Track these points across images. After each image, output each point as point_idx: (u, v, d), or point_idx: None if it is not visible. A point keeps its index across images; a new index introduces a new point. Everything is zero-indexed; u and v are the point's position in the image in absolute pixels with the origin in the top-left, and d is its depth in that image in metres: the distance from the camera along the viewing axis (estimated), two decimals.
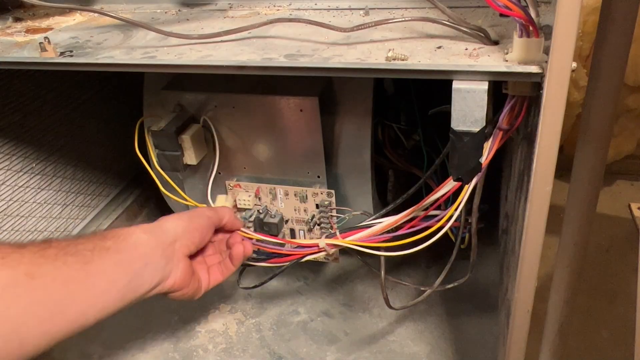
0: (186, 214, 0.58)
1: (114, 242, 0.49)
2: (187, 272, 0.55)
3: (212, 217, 0.60)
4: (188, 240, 0.56)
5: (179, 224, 0.56)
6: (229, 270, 0.62)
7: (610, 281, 0.88)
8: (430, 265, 0.90)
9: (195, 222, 0.57)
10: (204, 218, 0.59)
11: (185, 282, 0.55)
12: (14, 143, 0.79)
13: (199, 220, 0.58)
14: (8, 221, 0.78)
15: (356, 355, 0.77)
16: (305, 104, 0.65)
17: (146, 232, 0.52)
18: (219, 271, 0.62)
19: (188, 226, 0.56)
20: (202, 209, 0.61)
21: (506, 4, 0.38)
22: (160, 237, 0.53)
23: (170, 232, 0.54)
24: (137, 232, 0.51)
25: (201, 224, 0.58)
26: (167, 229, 0.54)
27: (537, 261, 0.46)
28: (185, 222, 0.56)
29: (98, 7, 0.67)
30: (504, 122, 0.46)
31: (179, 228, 0.55)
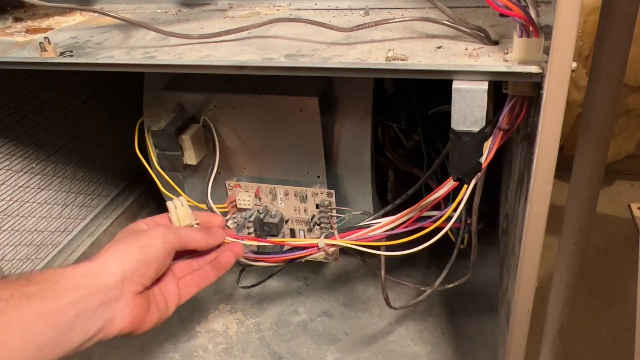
0: (138, 243, 0.48)
1: (41, 287, 0.41)
2: (140, 310, 0.47)
3: (172, 243, 0.50)
4: (140, 277, 0.47)
5: (128, 259, 0.47)
6: (207, 281, 0.55)
7: (610, 281, 0.88)
8: (430, 265, 0.90)
9: (149, 253, 0.48)
10: (159, 246, 0.49)
11: (138, 322, 0.47)
12: (14, 143, 0.79)
13: (154, 250, 0.48)
14: (8, 221, 0.78)
15: (356, 355, 0.77)
16: (305, 104, 0.65)
17: (84, 274, 0.44)
18: (193, 283, 0.54)
19: (139, 261, 0.47)
20: (160, 231, 0.50)
21: (506, 4, 0.38)
22: (102, 278, 0.45)
23: (115, 271, 0.45)
24: (72, 274, 0.43)
25: (157, 254, 0.49)
26: (111, 268, 0.46)
27: (537, 261, 0.46)
28: (136, 255, 0.47)
29: (98, 7, 0.67)
30: (504, 122, 0.46)
31: (127, 264, 0.46)
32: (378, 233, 0.60)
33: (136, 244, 0.48)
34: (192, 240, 0.53)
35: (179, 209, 0.55)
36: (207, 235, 0.54)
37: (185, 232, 0.52)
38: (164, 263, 0.50)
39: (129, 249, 0.48)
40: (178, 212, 0.55)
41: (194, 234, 0.53)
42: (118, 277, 0.45)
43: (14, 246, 0.80)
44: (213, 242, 0.55)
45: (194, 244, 0.53)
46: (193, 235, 0.53)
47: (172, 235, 0.50)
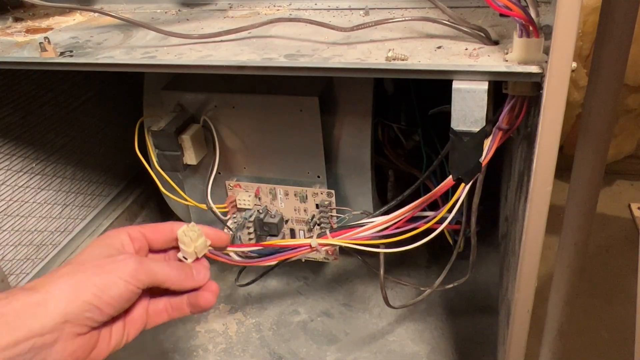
0: (95, 280, 0.40)
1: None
2: (82, 352, 0.40)
3: (140, 282, 0.42)
4: (88, 320, 0.39)
5: (77, 300, 0.38)
6: (180, 313, 0.47)
7: (610, 281, 0.88)
8: (430, 265, 0.90)
9: (106, 295, 0.40)
10: (121, 288, 0.40)
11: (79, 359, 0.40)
12: (14, 143, 0.78)
13: (113, 292, 0.40)
14: (8, 221, 0.78)
15: (356, 355, 0.77)
16: (305, 103, 0.65)
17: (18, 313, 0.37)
18: (165, 311, 0.47)
19: (90, 304, 0.39)
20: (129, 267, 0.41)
21: (506, 4, 0.38)
22: (39, 320, 0.37)
23: (57, 312, 0.38)
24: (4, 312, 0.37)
25: (117, 296, 0.40)
26: (53, 307, 0.38)
27: (537, 261, 0.46)
28: (88, 297, 0.39)
29: (98, 7, 0.67)
30: (504, 121, 0.46)
31: (74, 306, 0.38)
32: (371, 233, 0.60)
33: (93, 280, 0.40)
34: (165, 281, 0.44)
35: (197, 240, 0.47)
36: (184, 277, 0.46)
37: (161, 271, 0.44)
38: (125, 304, 0.42)
39: (82, 286, 0.39)
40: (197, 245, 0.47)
41: (169, 272, 0.44)
42: (59, 319, 0.38)
43: (14, 246, 0.80)
44: (190, 284, 0.46)
45: (167, 284, 0.45)
46: (168, 275, 0.44)
47: (142, 274, 0.42)
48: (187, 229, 0.47)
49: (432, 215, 0.58)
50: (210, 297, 0.46)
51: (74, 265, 0.41)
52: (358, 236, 0.61)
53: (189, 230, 0.47)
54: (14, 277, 0.81)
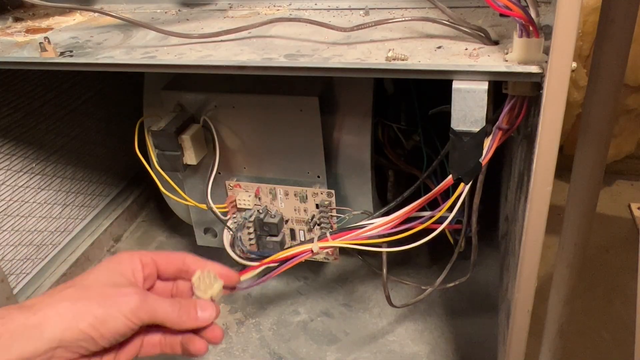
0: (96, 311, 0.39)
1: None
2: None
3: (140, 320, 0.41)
4: (81, 349, 0.39)
5: (74, 328, 0.38)
6: (173, 350, 0.46)
7: (610, 281, 0.88)
8: (430, 265, 0.90)
9: (105, 329, 0.39)
10: (120, 323, 0.40)
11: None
12: (14, 143, 0.79)
13: (112, 326, 0.39)
14: (8, 221, 0.78)
15: (356, 355, 0.77)
16: (305, 103, 0.65)
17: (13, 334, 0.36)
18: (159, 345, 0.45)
19: (87, 335, 0.38)
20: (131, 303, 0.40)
21: (506, 4, 0.38)
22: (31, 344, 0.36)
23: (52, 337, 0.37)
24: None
25: (115, 331, 0.40)
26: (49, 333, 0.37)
27: (537, 261, 0.46)
28: (86, 327, 0.38)
29: (98, 7, 0.67)
30: (504, 121, 0.46)
31: (71, 334, 0.38)
32: (371, 234, 0.61)
33: (94, 311, 0.39)
34: (165, 321, 0.43)
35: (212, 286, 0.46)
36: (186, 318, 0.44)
37: (162, 311, 0.43)
38: (120, 339, 0.41)
39: (82, 315, 0.38)
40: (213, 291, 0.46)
41: (170, 313, 0.43)
42: (52, 345, 0.37)
43: (14, 246, 0.80)
44: (190, 325, 0.45)
45: (166, 324, 0.44)
46: (168, 316, 0.43)
47: (143, 313, 0.41)
48: (202, 275, 0.46)
49: (432, 214, 0.58)
50: (201, 346, 0.45)
51: (77, 290, 0.40)
52: (360, 237, 0.61)
53: (205, 277, 0.46)
54: (14, 277, 0.81)
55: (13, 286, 0.80)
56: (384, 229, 0.60)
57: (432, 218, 0.57)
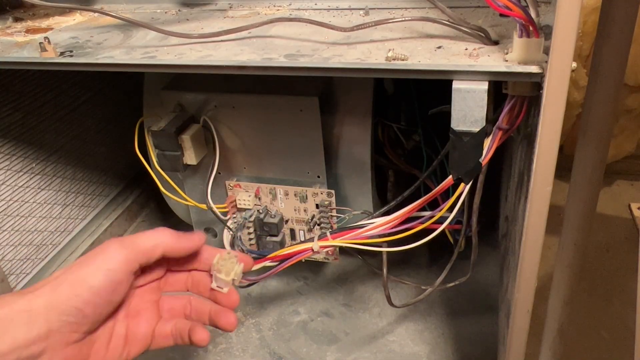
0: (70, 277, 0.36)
1: None
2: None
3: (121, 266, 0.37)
4: (74, 325, 0.36)
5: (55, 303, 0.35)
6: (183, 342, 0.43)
7: (610, 281, 0.88)
8: (430, 265, 0.90)
9: (84, 291, 0.36)
10: (100, 277, 0.36)
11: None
12: (14, 143, 0.79)
13: (89, 287, 0.36)
14: (8, 221, 0.78)
15: (356, 355, 0.77)
16: (305, 103, 0.65)
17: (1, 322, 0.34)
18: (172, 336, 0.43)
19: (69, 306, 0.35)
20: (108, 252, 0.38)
21: (506, 4, 0.38)
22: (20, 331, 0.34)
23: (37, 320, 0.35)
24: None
25: (100, 288, 0.36)
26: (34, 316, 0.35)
27: (537, 261, 0.46)
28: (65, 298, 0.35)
29: (98, 7, 0.67)
30: (504, 121, 0.46)
31: (52, 313, 0.35)
32: (372, 233, 0.61)
33: (69, 275, 0.36)
34: (155, 245, 0.39)
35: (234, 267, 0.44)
36: (178, 237, 0.41)
37: (144, 238, 0.39)
38: (112, 298, 0.38)
39: (59, 286, 0.36)
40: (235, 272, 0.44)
41: (156, 236, 0.40)
42: (42, 328, 0.35)
43: (14, 246, 0.80)
44: (189, 244, 0.42)
45: (158, 250, 0.40)
46: (155, 238, 0.39)
47: (123, 251, 0.38)
48: (224, 256, 0.44)
49: (432, 214, 0.58)
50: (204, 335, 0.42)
51: (62, 270, 0.38)
52: (361, 237, 0.61)
53: (226, 259, 0.44)
54: (14, 277, 0.81)
55: (13, 286, 0.80)
56: (384, 228, 0.60)
57: (432, 218, 0.57)
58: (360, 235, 0.61)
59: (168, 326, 0.43)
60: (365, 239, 0.61)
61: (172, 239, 0.41)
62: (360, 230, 0.61)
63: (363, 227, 0.61)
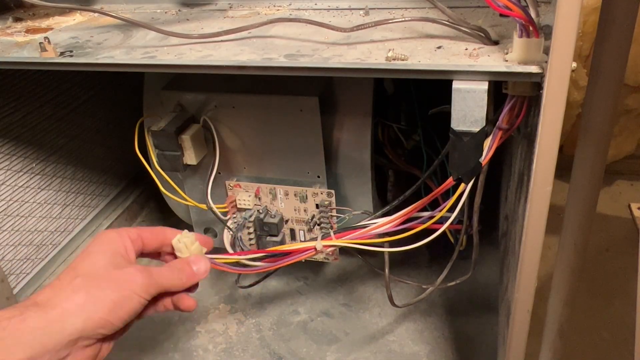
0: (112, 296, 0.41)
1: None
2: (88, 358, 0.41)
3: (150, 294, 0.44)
4: (99, 334, 0.40)
5: (94, 316, 0.39)
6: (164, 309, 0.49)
7: (610, 281, 0.88)
8: (430, 265, 0.90)
9: (121, 311, 0.41)
10: (134, 302, 0.42)
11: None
12: (14, 143, 0.78)
13: (127, 307, 0.42)
14: (8, 221, 0.78)
15: (356, 355, 0.77)
16: (305, 103, 0.65)
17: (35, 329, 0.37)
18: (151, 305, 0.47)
19: (106, 321, 0.40)
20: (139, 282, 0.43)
21: (506, 4, 0.38)
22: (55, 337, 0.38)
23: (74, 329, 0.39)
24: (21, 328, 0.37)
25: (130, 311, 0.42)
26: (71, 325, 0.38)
27: (537, 261, 0.46)
28: (105, 314, 0.40)
29: (98, 7, 0.67)
30: (504, 121, 0.46)
31: (91, 323, 0.39)
32: (375, 233, 0.60)
33: (110, 296, 0.41)
34: (171, 287, 0.46)
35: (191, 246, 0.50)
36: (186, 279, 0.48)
37: (167, 280, 0.46)
38: (134, 316, 0.43)
39: (99, 303, 0.40)
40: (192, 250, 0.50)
41: (173, 279, 0.47)
42: (75, 336, 0.39)
43: (14, 246, 0.80)
44: (191, 283, 0.48)
45: (173, 290, 0.47)
46: (173, 282, 0.46)
47: (152, 287, 0.44)
48: (181, 237, 0.49)
49: (432, 214, 0.57)
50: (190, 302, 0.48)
51: (86, 279, 0.42)
52: (362, 237, 0.61)
53: (183, 237, 0.49)
54: (14, 277, 0.81)
55: (13, 286, 0.80)
56: (386, 228, 0.60)
57: (434, 218, 0.57)
58: (363, 235, 0.61)
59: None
60: (367, 238, 0.61)
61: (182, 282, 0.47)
62: (362, 230, 0.61)
63: (365, 227, 0.61)
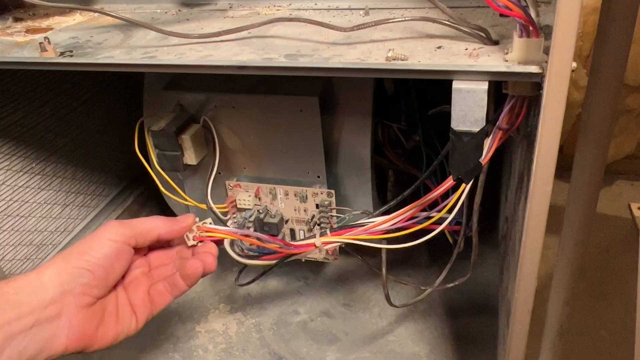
0: (77, 248, 0.42)
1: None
2: (88, 326, 0.41)
3: (124, 238, 0.43)
4: (85, 287, 0.41)
5: (66, 268, 0.40)
6: (179, 290, 0.47)
7: (610, 281, 0.88)
8: (430, 266, 0.90)
9: (91, 257, 0.41)
10: (105, 247, 0.42)
11: (88, 338, 0.41)
12: (14, 143, 0.78)
13: (98, 253, 0.42)
14: (8, 221, 0.78)
15: (356, 355, 0.77)
16: (305, 103, 0.65)
17: (17, 291, 0.39)
18: (167, 291, 0.47)
19: (79, 268, 0.41)
20: (108, 227, 0.43)
21: (506, 4, 0.38)
22: (37, 295, 0.39)
23: (52, 284, 0.40)
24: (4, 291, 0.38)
25: (103, 256, 0.42)
26: (48, 280, 0.39)
27: (537, 261, 0.46)
28: (75, 262, 0.40)
29: (98, 7, 0.67)
30: (504, 121, 0.46)
31: (66, 275, 0.40)
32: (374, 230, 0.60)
33: (77, 249, 0.42)
34: (151, 229, 0.45)
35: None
36: (170, 222, 0.47)
37: (142, 222, 0.45)
38: (116, 265, 0.43)
39: (67, 256, 0.41)
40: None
41: (152, 221, 0.45)
42: (56, 290, 0.39)
43: (14, 246, 0.80)
44: (179, 226, 0.47)
45: (154, 233, 0.45)
46: (151, 223, 0.45)
47: (123, 228, 0.43)
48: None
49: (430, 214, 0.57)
50: (196, 264, 0.46)
51: (64, 251, 0.43)
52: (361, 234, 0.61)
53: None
54: None
55: None
56: (386, 226, 0.60)
57: (433, 218, 0.57)
58: (362, 232, 0.61)
59: (160, 285, 0.48)
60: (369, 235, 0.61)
61: (166, 224, 0.47)
62: (361, 228, 0.61)
63: (364, 225, 0.61)
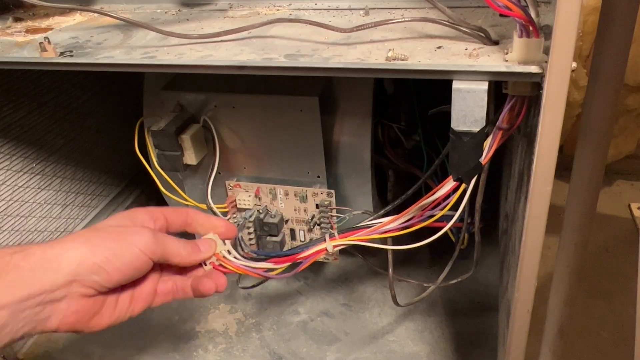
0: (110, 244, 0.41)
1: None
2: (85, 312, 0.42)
3: (153, 254, 0.43)
4: (95, 284, 0.41)
5: (88, 260, 0.40)
6: (185, 295, 0.49)
7: (610, 281, 0.88)
8: (431, 265, 0.90)
9: (117, 261, 0.41)
10: (133, 255, 0.42)
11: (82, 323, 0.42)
12: (14, 143, 0.79)
13: (125, 259, 0.42)
14: (8, 221, 0.78)
15: (356, 355, 0.77)
16: (305, 103, 0.65)
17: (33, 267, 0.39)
18: (172, 291, 0.49)
19: (100, 267, 0.40)
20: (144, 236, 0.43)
21: (506, 4, 0.38)
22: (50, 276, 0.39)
23: (68, 269, 0.39)
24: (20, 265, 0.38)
25: (128, 264, 0.42)
26: (66, 264, 0.39)
27: (537, 261, 0.46)
28: (99, 259, 0.40)
29: (98, 7, 0.67)
30: (504, 121, 0.46)
31: (85, 267, 0.40)
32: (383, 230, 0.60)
33: (108, 244, 0.41)
34: (175, 255, 0.46)
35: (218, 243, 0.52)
36: (193, 252, 0.49)
37: (172, 246, 0.46)
38: (134, 274, 0.43)
39: (97, 249, 0.41)
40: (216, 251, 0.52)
41: (179, 248, 0.47)
42: (69, 277, 0.39)
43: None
44: (198, 258, 0.49)
45: (176, 260, 0.47)
46: (178, 250, 0.46)
47: (156, 245, 0.44)
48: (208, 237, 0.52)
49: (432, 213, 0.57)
50: (210, 285, 0.49)
51: (92, 230, 0.43)
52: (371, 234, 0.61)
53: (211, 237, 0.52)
54: None
55: None
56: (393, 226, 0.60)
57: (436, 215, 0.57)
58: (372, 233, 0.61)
59: (169, 283, 0.49)
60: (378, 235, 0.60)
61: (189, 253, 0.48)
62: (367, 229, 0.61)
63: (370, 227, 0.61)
